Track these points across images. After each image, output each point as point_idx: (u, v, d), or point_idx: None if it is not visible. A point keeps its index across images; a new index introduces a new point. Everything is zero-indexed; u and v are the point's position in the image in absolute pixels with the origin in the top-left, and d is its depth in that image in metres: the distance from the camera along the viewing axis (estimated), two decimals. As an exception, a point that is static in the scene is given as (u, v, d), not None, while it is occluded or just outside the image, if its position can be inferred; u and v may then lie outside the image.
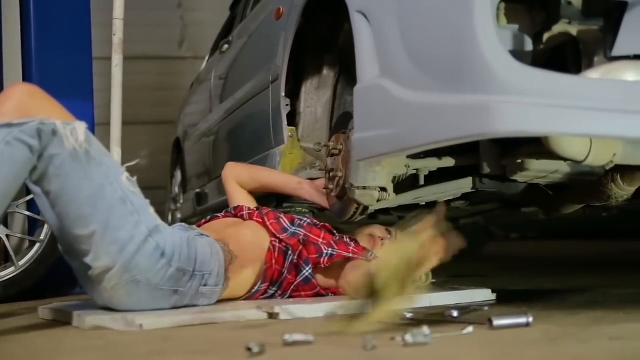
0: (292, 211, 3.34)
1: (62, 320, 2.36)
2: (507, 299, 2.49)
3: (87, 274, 2.20)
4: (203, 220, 2.63)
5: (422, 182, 2.64)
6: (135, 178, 2.21)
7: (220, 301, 2.39)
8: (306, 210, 3.26)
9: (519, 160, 2.37)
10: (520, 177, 2.44)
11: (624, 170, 2.39)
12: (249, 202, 2.87)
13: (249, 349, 1.62)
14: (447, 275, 3.50)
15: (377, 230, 2.73)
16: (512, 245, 7.06)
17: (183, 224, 2.45)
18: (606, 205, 2.67)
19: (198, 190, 4.59)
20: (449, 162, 2.57)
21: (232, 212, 2.64)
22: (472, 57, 1.90)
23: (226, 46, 4.31)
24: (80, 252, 2.16)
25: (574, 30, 2.06)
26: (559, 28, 2.06)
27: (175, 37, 7.64)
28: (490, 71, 1.87)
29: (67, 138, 2.02)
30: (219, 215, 2.65)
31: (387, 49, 2.19)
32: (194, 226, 2.48)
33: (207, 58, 5.38)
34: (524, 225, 7.61)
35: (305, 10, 2.88)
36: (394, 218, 3.62)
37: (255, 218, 2.53)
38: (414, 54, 2.09)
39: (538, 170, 2.40)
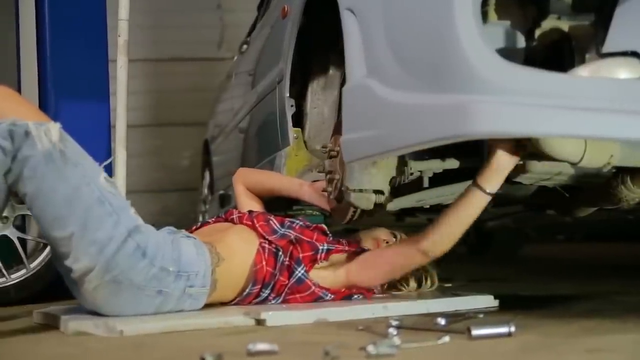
0: (301, 214, 3.29)
1: (51, 324, 2.34)
2: (510, 306, 2.40)
3: (70, 277, 2.18)
4: (194, 227, 2.59)
5: (426, 184, 2.56)
6: (113, 178, 2.17)
7: (210, 305, 2.34)
8: (316, 213, 3.21)
9: (521, 162, 2.28)
10: (523, 179, 2.35)
11: (634, 172, 2.28)
12: (254, 205, 2.83)
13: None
14: (465, 278, 3.42)
15: (382, 234, 2.67)
16: (556, 248, 6.88)
17: (171, 227, 2.41)
18: (619, 208, 2.56)
19: (222, 192, 4.57)
20: (453, 163, 2.48)
21: (223, 216, 2.59)
22: (453, 55, 1.82)
23: (245, 46, 4.28)
24: (61, 254, 2.14)
25: (564, 25, 1.97)
26: (549, 24, 1.98)
27: (215, 39, 7.64)
28: (471, 69, 1.79)
29: (40, 138, 2.00)
30: (210, 220, 2.62)
31: (373, 48, 2.12)
32: (183, 230, 2.44)
33: (235, 59, 5.37)
34: (570, 227, 7.43)
35: (307, 9, 2.82)
36: (421, 220, 3.54)
37: (244, 221, 2.48)
38: (398, 53, 2.02)
39: (541, 172, 2.31)
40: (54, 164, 2.03)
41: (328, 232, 2.51)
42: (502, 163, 2.14)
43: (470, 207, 2.22)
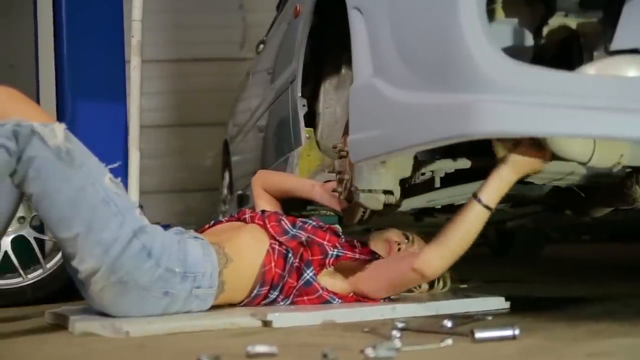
0: (315, 214, 3.28)
1: (61, 324, 2.35)
2: (522, 308, 2.37)
3: (77, 278, 2.19)
4: (207, 226, 2.58)
5: (437, 184, 2.53)
6: (119, 179, 2.17)
7: (218, 306, 2.33)
8: (330, 213, 3.19)
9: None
10: (534, 179, 2.33)
11: (648, 172, 2.25)
12: (271, 206, 2.82)
13: (200, 362, 1.56)
14: (482, 279, 3.39)
15: (394, 235, 2.63)
16: (580, 248, 6.80)
17: (179, 227, 2.41)
18: (635, 208, 2.52)
19: (240, 192, 4.57)
20: (464, 163, 2.45)
21: (236, 215, 2.59)
22: (458, 54, 1.79)
23: (261, 46, 4.27)
24: (68, 255, 2.15)
25: (572, 23, 1.94)
26: (556, 21, 1.95)
27: (237, 39, 7.66)
28: (475, 68, 1.76)
29: (44, 139, 2.00)
30: (222, 219, 2.61)
31: (379, 47, 2.10)
32: (191, 230, 2.43)
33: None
34: (596, 228, 7.35)
35: (317, 8, 2.81)
36: (440, 220, 3.51)
37: (256, 221, 2.47)
38: (404, 52, 2.00)
39: (552, 172, 2.28)
40: (58, 165, 2.03)
41: (340, 233, 2.50)
42: (505, 176, 2.11)
43: (467, 220, 2.18)
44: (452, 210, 3.00)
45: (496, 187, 2.13)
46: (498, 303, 2.43)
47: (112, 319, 2.19)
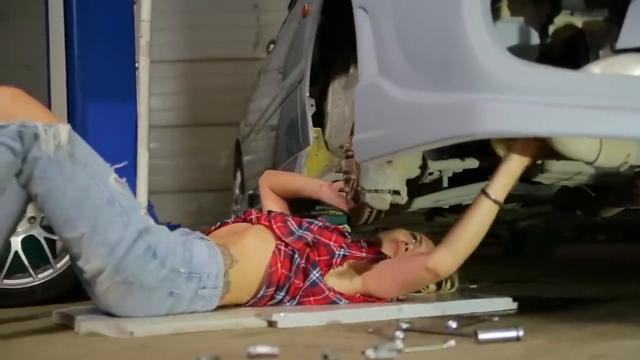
0: (324, 214, 3.27)
1: (68, 324, 2.35)
2: (530, 309, 2.35)
3: (83, 278, 2.19)
4: (213, 227, 2.58)
5: (445, 184, 2.52)
6: (124, 179, 2.17)
7: (223, 307, 2.33)
8: (339, 213, 3.18)
9: (539, 161, 2.24)
10: (542, 179, 2.31)
11: (656, 172, 2.23)
12: (278, 206, 2.81)
13: (200, 362, 1.55)
14: (493, 279, 3.37)
15: (402, 235, 2.62)
16: (595, 248, 6.75)
17: (185, 228, 2.41)
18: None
19: (251, 192, 4.57)
20: (472, 163, 2.44)
21: (242, 216, 2.58)
22: (461, 53, 1.78)
23: (272, 46, 4.27)
24: (74, 255, 2.15)
25: (578, 21, 1.93)
26: (562, 20, 1.94)
27: (251, 39, 7.66)
28: (479, 68, 1.74)
29: (48, 140, 2.00)
30: (228, 221, 2.60)
31: (384, 46, 2.09)
32: (198, 232, 2.43)
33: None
34: (610, 228, 7.29)
35: (326, 8, 2.80)
36: (450, 220, 3.50)
37: (262, 222, 2.47)
38: (408, 51, 1.99)
39: (560, 172, 2.27)
40: (62, 165, 2.04)
41: (346, 234, 2.49)
42: (511, 170, 2.11)
43: (477, 217, 2.19)
44: (461, 210, 3.00)
45: (504, 182, 2.14)
46: (505, 304, 2.41)
47: (117, 319, 2.19)
